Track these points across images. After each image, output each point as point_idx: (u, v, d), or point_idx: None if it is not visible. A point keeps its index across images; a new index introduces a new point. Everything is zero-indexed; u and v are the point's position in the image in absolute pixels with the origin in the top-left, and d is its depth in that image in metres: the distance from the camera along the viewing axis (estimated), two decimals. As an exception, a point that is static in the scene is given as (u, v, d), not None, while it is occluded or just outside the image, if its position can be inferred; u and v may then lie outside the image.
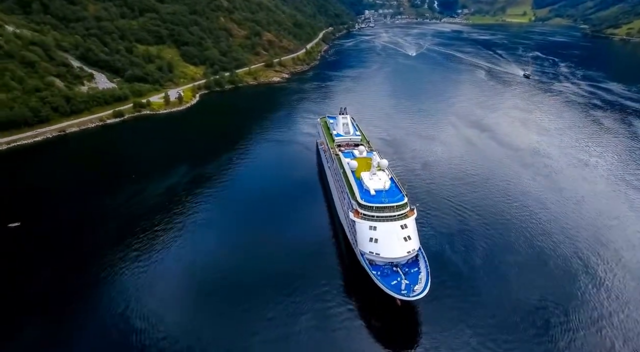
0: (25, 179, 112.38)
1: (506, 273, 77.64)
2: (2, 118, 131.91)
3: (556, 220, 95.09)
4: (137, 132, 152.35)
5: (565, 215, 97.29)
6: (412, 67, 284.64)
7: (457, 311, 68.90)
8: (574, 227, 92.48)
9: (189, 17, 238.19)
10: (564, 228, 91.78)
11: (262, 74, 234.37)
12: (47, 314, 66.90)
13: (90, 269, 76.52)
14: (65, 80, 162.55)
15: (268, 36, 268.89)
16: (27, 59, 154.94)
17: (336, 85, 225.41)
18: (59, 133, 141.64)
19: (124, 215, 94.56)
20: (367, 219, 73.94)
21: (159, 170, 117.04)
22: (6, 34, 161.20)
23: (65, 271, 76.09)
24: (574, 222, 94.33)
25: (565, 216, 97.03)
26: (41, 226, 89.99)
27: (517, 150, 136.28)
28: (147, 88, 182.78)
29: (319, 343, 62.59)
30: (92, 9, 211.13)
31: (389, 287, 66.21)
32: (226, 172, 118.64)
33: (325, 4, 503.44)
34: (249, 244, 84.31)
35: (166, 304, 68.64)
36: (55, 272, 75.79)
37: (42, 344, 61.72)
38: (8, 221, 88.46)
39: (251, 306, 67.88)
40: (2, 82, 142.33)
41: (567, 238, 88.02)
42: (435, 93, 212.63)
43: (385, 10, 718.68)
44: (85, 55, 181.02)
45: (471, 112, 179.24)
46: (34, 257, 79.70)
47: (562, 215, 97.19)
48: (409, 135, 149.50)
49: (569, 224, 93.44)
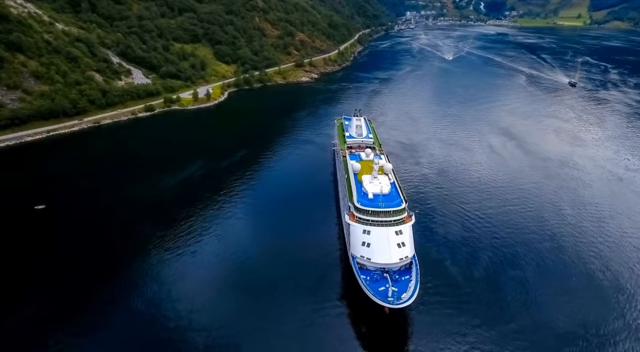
0: (59, 166, 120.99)
1: (505, 288, 74.03)
2: (44, 109, 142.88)
3: (573, 237, 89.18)
4: (166, 126, 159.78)
5: (584, 233, 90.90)
6: (446, 71, 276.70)
7: (447, 322, 66.81)
8: (591, 247, 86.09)
9: (224, 16, 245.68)
10: (579, 247, 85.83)
11: (292, 73, 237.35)
12: (67, 291, 71.64)
13: (109, 254, 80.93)
14: (104, 75, 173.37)
15: (301, 36, 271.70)
16: (72, 55, 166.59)
17: (364, 86, 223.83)
18: (93, 124, 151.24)
19: (147, 204, 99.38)
20: (361, 223, 73.16)
21: (180, 164, 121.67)
22: (56, 31, 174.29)
23: (85, 255, 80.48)
24: (593, 242, 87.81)
25: (584, 234, 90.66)
26: (64, 210, 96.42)
27: (544, 160, 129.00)
28: (179, 84, 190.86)
29: (302, 347, 62.53)
30: (136, 9, 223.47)
31: (375, 293, 65.11)
32: (244, 170, 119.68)
33: (365, 5, 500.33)
34: (252, 243, 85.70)
35: (187, 289, 71.46)
36: (73, 255, 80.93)
37: (66, 324, 64.81)
38: (35, 203, 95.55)
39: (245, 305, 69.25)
40: (48, 76, 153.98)
41: (580, 258, 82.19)
42: (466, 98, 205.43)
43: (427, 11, 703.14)
44: (125, 52, 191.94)
45: (501, 119, 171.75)
46: (55, 239, 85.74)
47: (580, 233, 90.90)
48: (430, 140, 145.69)
49: (586, 243, 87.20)
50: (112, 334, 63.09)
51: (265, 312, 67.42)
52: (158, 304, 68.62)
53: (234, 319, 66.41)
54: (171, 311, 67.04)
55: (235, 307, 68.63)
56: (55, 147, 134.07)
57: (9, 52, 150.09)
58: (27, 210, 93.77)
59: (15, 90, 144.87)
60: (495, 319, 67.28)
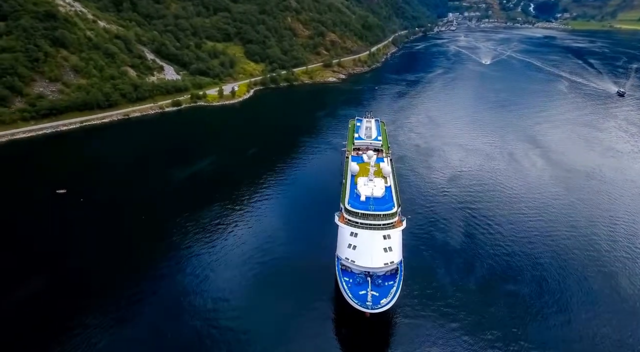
0: (87, 155, 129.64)
1: (496, 301, 70.91)
2: (80, 101, 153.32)
3: (583, 255, 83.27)
4: (190, 121, 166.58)
5: (597, 251, 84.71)
6: (480, 75, 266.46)
7: (430, 331, 65.46)
8: (602, 268, 79.79)
9: (257, 16, 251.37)
10: (589, 267, 80.00)
11: (319, 73, 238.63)
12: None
13: (122, 239, 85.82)
14: (138, 71, 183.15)
15: (332, 37, 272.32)
16: (110, 51, 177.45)
17: (390, 88, 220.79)
18: (123, 117, 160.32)
19: (165, 194, 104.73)
20: (350, 225, 72.69)
21: (195, 158, 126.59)
22: (97, 28, 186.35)
23: (94, 239, 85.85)
24: (605, 263, 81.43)
25: (596, 252, 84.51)
26: (84, 196, 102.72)
27: (568, 171, 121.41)
28: (207, 81, 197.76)
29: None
30: (174, 8, 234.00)
31: (355, 297, 64.51)
32: (256, 167, 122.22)
33: (404, 7, 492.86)
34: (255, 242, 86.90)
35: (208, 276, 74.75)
36: (89, 240, 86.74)
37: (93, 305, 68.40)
38: (56, 188, 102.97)
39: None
40: (86, 70, 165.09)
41: (588, 280, 76.41)
42: (496, 103, 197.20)
43: (471, 13, 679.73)
44: (159, 49, 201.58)
45: (530, 126, 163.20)
46: (70, 223, 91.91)
47: (593, 250, 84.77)
48: (448, 145, 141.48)
49: (598, 264, 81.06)
50: (131, 321, 66.06)
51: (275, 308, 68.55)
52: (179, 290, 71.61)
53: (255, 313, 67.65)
54: (196, 300, 69.55)
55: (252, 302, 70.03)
56: (87, 137, 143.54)
57: (54, 48, 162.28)
58: (49, 194, 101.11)
59: (56, 82, 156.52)
60: (479, 333, 64.74)
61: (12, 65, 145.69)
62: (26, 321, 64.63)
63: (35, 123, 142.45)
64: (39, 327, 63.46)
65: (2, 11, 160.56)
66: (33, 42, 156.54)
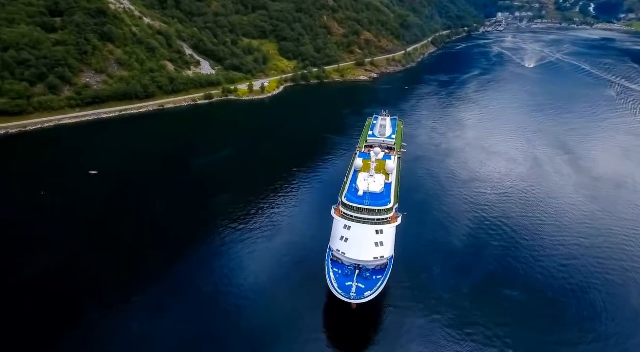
0: (122, 140, 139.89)
1: (488, 304, 69.75)
2: (120, 91, 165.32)
3: (598, 268, 79.12)
4: (219, 113, 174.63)
5: (613, 264, 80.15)
6: (519, 77, 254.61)
7: (418, 326, 66.43)
8: (617, 284, 75.61)
9: (294, 14, 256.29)
10: (597, 280, 76.20)
11: (350, 72, 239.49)
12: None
13: (140, 220, 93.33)
14: (176, 65, 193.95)
15: (367, 35, 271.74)
16: (151, 46, 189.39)
17: (420, 88, 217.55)
18: (158, 107, 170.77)
19: (191, 181, 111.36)
20: (345, 218, 74.23)
21: (221, 148, 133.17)
22: (142, 24, 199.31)
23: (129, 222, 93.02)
24: (623, 279, 76.94)
25: (612, 265, 79.96)
26: (113, 178, 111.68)
27: (595, 180, 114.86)
28: (240, 77, 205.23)
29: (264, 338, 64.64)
30: (214, 6, 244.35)
31: (341, 287, 66.09)
32: (272, 160, 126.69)
33: (449, 6, 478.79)
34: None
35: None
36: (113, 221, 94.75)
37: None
38: (89, 169, 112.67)
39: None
40: (129, 63, 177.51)
41: (593, 294, 72.90)
42: (531, 106, 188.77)
43: (523, 13, 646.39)
44: (197, 45, 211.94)
45: (564, 132, 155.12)
46: (97, 201, 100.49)
47: (608, 264, 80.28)
48: (470, 146, 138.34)
49: (614, 277, 76.82)
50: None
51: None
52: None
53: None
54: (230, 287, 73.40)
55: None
56: (124, 124, 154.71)
57: (101, 42, 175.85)
58: (82, 174, 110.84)
59: (101, 74, 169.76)
60: (465, 330, 64.33)
61: (64, 57, 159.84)
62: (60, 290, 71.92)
63: (80, 110, 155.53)
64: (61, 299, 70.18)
65: (59, 8, 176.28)
66: (84, 36, 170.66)
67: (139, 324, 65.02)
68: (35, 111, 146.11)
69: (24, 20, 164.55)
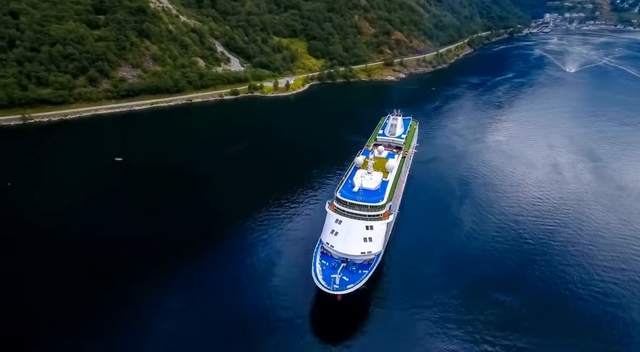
0: (149, 130, 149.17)
1: (476, 305, 69.26)
2: (153, 85, 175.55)
3: (609, 284, 75.92)
4: (243, 108, 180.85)
5: (623, 279, 76.48)
6: (557, 82, 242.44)
7: (402, 319, 67.99)
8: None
9: (325, 14, 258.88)
10: (591, 297, 73.14)
11: (378, 71, 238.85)
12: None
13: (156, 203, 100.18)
14: (207, 61, 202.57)
15: (398, 35, 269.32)
16: (185, 43, 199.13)
17: (448, 89, 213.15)
18: (186, 101, 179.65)
19: (210, 168, 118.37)
20: (337, 212, 76.20)
21: (240, 141, 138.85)
22: (177, 22, 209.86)
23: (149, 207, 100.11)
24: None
25: (623, 280, 76.32)
26: (137, 164, 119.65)
27: (618, 189, 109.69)
28: (267, 74, 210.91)
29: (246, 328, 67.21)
30: (248, 5, 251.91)
31: (325, 278, 68.12)
32: (286, 154, 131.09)
33: (491, 6, 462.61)
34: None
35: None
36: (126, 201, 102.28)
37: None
38: (116, 156, 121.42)
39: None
40: (162, 59, 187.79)
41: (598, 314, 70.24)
42: (563, 112, 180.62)
43: (573, 14, 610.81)
44: (228, 43, 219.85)
45: (592, 138, 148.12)
46: (116, 185, 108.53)
47: (618, 278, 76.72)
48: (488, 150, 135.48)
49: (623, 297, 73.42)
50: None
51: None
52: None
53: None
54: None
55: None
56: (154, 116, 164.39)
57: (139, 38, 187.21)
58: (109, 160, 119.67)
59: (137, 68, 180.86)
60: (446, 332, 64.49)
61: (104, 52, 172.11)
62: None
63: (116, 102, 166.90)
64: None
65: (103, 6, 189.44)
66: (123, 33, 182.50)
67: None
68: (75, 101, 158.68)
69: (72, 17, 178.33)
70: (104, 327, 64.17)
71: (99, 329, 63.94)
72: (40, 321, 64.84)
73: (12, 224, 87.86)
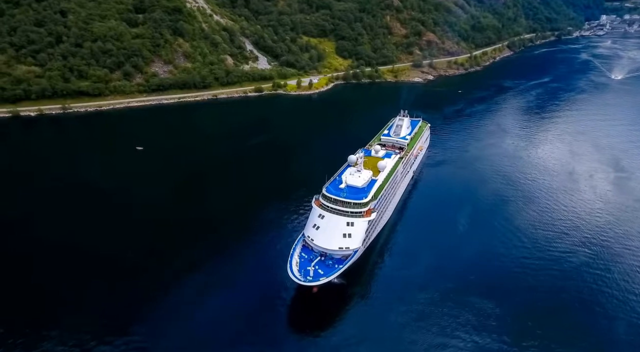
0: (175, 124, 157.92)
1: (451, 307, 69.25)
2: (181, 81, 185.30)
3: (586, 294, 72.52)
4: (265, 105, 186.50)
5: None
6: (597, 88, 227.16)
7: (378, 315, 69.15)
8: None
9: (356, 14, 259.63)
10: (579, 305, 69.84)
11: (405, 73, 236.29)
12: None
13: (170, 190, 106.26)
14: (235, 59, 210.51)
15: (430, 36, 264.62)
16: (215, 41, 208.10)
17: (475, 92, 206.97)
18: (212, 97, 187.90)
19: (227, 163, 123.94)
20: (322, 208, 78.04)
21: (258, 135, 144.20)
22: (210, 21, 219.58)
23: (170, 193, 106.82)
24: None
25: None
26: (154, 155, 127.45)
27: (638, 201, 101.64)
28: (292, 73, 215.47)
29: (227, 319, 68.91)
30: (280, 5, 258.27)
31: (300, 270, 70.26)
32: (298, 150, 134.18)
33: (538, 7, 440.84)
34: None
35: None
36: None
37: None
38: (138, 145, 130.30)
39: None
40: (193, 56, 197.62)
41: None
42: (593, 119, 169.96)
43: (634, 15, 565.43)
44: (258, 41, 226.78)
45: (619, 147, 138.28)
46: (134, 171, 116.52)
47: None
48: (502, 156, 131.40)
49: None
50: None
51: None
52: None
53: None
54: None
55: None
56: (180, 110, 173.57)
57: (173, 36, 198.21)
58: (131, 148, 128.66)
59: (169, 64, 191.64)
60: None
61: (139, 48, 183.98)
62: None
63: (147, 95, 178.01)
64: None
65: (143, 6, 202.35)
66: (159, 31, 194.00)
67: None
68: (110, 94, 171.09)
69: (114, 16, 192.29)
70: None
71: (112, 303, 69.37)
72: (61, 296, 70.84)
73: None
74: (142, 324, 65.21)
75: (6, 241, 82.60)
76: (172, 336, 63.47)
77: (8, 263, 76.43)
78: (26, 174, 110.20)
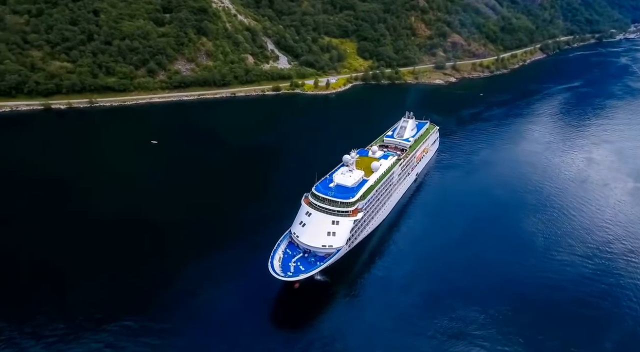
0: (192, 119, 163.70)
1: (431, 309, 68.63)
2: (202, 78, 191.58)
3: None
4: (282, 104, 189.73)
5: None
6: (631, 93, 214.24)
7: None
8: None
9: (380, 15, 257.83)
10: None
11: (426, 74, 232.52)
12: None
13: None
14: (256, 58, 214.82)
15: (455, 38, 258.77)
16: (237, 40, 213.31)
17: (497, 96, 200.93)
18: (230, 94, 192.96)
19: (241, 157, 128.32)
20: (310, 206, 79.21)
21: (268, 132, 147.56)
22: (234, 21, 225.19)
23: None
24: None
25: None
26: (166, 149, 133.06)
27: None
28: (310, 72, 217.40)
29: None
30: (304, 5, 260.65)
31: (282, 265, 71.66)
32: (307, 149, 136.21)
33: (578, 9, 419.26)
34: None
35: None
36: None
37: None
38: (151, 139, 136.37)
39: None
40: (215, 54, 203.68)
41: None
42: (622, 127, 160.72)
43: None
44: (279, 41, 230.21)
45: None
46: (146, 162, 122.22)
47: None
48: (513, 161, 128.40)
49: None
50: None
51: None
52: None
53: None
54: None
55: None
56: (199, 106, 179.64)
57: (197, 35, 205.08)
58: (146, 142, 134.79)
59: (191, 63, 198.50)
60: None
61: (164, 47, 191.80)
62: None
63: (168, 92, 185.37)
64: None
65: (170, 6, 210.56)
66: (184, 30, 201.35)
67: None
68: (134, 90, 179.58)
69: (142, 15, 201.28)
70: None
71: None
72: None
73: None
74: (128, 319, 67.57)
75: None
76: (157, 330, 65.81)
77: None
78: (42, 161, 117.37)
